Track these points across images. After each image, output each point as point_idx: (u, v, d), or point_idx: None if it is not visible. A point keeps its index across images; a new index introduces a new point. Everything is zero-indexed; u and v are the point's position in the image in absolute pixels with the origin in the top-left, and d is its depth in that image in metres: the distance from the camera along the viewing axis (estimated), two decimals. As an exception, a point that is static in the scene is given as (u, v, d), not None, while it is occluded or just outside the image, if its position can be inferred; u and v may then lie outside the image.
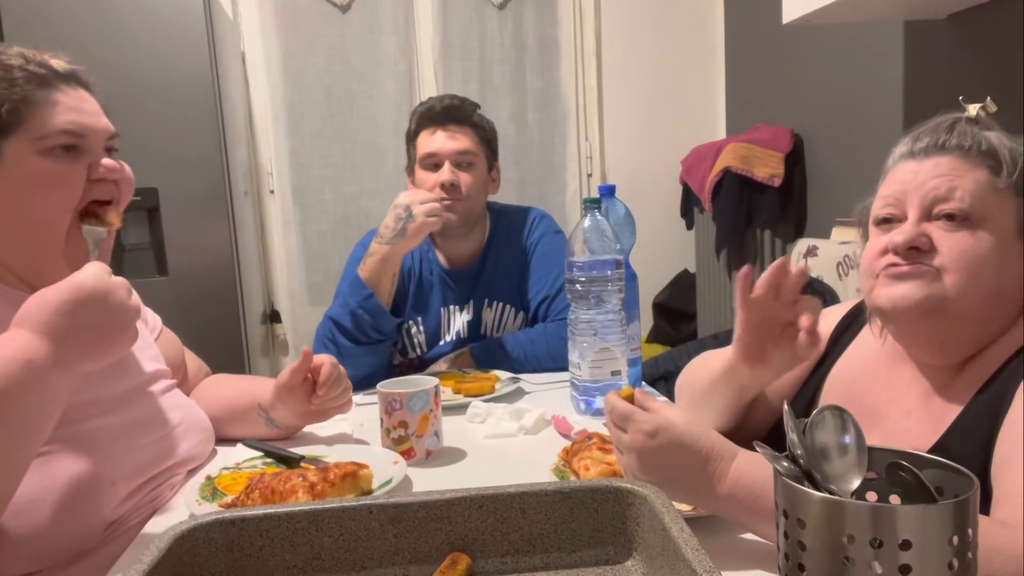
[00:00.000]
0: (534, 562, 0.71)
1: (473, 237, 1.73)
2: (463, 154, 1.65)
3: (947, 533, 0.55)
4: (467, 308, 1.73)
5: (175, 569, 0.64)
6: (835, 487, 0.62)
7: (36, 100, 0.91)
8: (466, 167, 1.65)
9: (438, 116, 1.65)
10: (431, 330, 1.72)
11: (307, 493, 0.90)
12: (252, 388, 1.22)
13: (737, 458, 0.78)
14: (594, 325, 1.26)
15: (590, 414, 1.28)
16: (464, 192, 1.63)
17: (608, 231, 1.27)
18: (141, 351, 1.11)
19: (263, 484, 0.92)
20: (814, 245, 2.27)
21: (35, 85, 0.92)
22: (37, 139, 0.91)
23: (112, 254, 1.02)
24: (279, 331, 3.24)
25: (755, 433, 1.04)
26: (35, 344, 0.77)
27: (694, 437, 0.78)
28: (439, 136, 1.64)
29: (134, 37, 2.39)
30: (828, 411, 0.64)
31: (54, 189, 0.93)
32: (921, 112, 0.92)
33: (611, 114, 3.34)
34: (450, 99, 1.68)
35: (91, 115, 0.97)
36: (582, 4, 3.26)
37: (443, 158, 1.63)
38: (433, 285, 1.73)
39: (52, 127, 0.92)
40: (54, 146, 0.92)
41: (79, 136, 0.94)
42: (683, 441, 0.78)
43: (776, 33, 2.72)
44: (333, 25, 3.13)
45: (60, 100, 0.94)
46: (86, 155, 0.96)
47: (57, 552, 0.87)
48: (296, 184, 3.19)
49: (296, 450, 1.10)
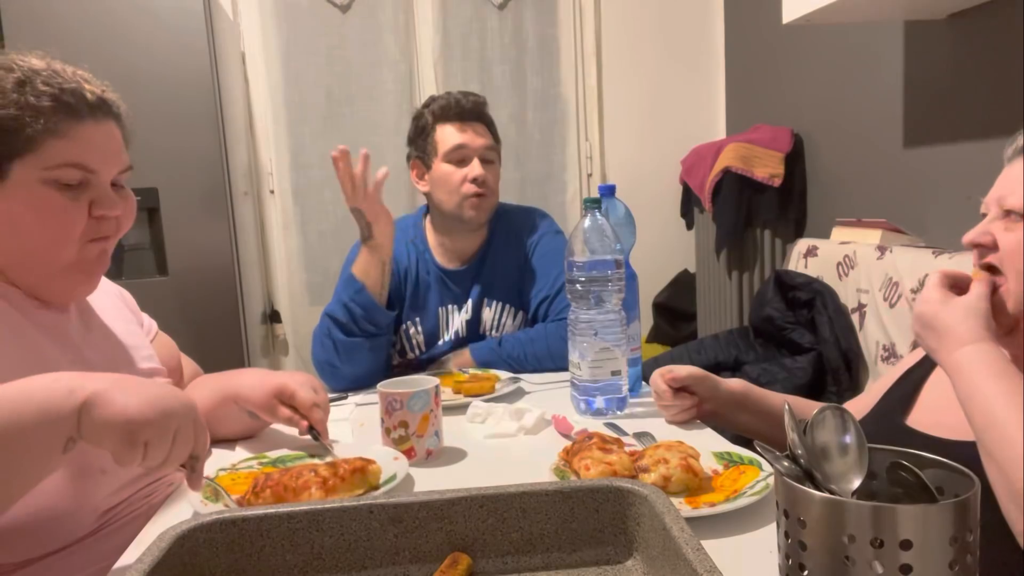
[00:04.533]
0: (534, 562, 0.71)
1: (476, 235, 1.73)
2: (489, 150, 1.67)
3: (948, 533, 0.55)
4: (465, 307, 1.73)
5: (176, 569, 0.64)
6: (836, 487, 0.62)
7: (58, 131, 0.90)
8: (490, 163, 1.67)
9: (467, 112, 1.66)
10: (429, 330, 1.72)
11: (320, 489, 0.91)
12: (229, 387, 1.21)
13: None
14: (594, 325, 1.26)
15: (590, 414, 1.28)
16: (491, 187, 1.67)
17: (608, 231, 1.27)
18: (136, 350, 1.11)
19: (272, 482, 0.92)
20: (814, 245, 2.27)
21: (63, 116, 0.90)
22: (46, 168, 0.90)
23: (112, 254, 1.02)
24: (279, 331, 3.24)
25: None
26: (84, 382, 0.75)
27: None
28: (469, 130, 1.66)
29: (134, 37, 2.39)
30: (828, 411, 0.65)
31: (53, 219, 0.92)
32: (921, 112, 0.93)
33: (611, 114, 3.34)
34: (473, 96, 1.69)
35: (108, 153, 0.96)
36: (582, 4, 3.26)
37: (473, 153, 1.65)
38: (430, 285, 1.73)
39: (63, 159, 0.91)
40: (60, 179, 0.91)
41: (89, 172, 0.93)
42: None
43: (776, 33, 2.73)
44: (333, 25, 3.13)
45: (80, 134, 0.92)
46: (91, 191, 0.94)
47: (47, 539, 0.87)
48: (296, 184, 3.19)
49: (291, 452, 1.11)
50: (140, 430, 0.73)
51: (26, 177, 0.90)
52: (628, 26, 3.29)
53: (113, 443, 0.74)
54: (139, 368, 1.08)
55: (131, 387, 0.75)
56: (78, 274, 0.98)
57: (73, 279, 0.98)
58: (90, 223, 0.95)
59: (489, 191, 1.66)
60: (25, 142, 0.89)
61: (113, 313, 1.13)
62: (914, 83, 2.13)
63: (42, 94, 0.89)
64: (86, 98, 0.93)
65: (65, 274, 0.96)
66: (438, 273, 1.73)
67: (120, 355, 1.08)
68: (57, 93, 0.90)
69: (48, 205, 0.91)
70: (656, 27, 3.31)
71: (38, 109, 0.89)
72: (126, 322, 1.15)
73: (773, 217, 2.68)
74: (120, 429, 0.73)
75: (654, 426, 1.20)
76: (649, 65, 3.32)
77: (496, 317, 1.73)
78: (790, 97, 2.81)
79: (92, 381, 0.74)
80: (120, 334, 1.11)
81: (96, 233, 0.96)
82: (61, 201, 0.92)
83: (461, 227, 1.69)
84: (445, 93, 1.72)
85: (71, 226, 0.93)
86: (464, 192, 1.64)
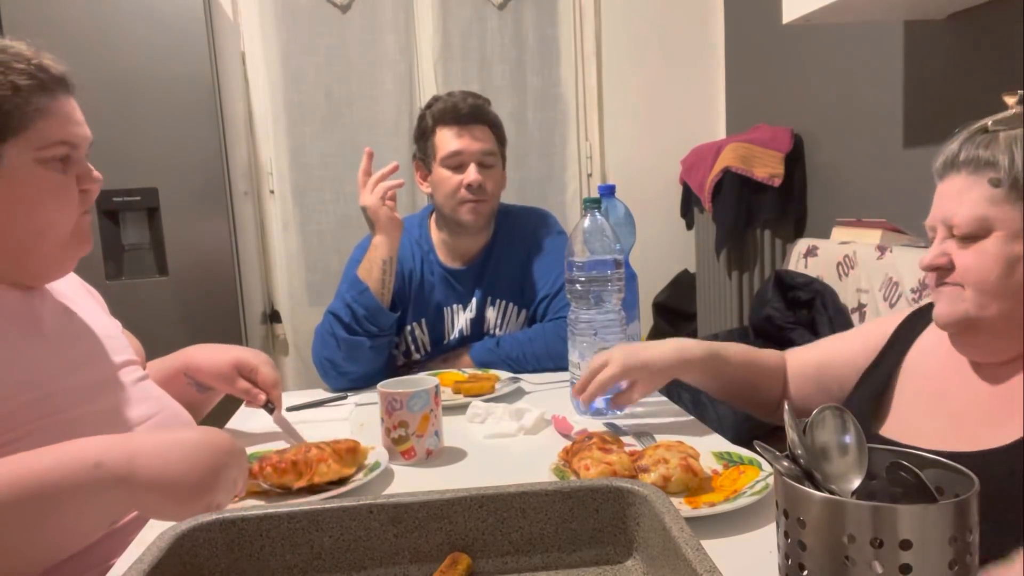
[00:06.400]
0: (534, 562, 0.71)
1: (479, 235, 1.73)
2: (488, 154, 1.65)
3: (947, 533, 0.55)
4: (470, 306, 1.73)
5: (175, 569, 0.64)
6: (835, 487, 0.62)
7: (40, 108, 0.91)
8: (489, 167, 1.66)
9: (465, 116, 1.64)
10: (435, 330, 1.72)
11: (336, 461, 0.97)
12: (181, 359, 1.23)
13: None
14: (594, 325, 1.26)
15: (590, 414, 1.28)
16: (489, 192, 1.65)
17: (608, 231, 1.27)
18: (109, 340, 1.10)
19: (274, 460, 0.95)
20: (814, 245, 2.27)
21: (39, 93, 0.91)
22: (38, 148, 0.91)
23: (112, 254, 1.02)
24: (279, 331, 3.24)
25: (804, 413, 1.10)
26: (111, 449, 0.77)
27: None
28: (466, 135, 1.64)
29: (134, 37, 2.39)
30: (828, 411, 0.65)
31: (53, 200, 0.93)
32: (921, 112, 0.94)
33: (611, 114, 3.33)
34: (472, 98, 1.67)
35: (81, 125, 0.98)
36: (582, 4, 3.26)
37: (469, 158, 1.64)
38: (435, 285, 1.73)
39: (52, 137, 0.92)
40: (52, 157, 0.92)
41: (74, 147, 0.95)
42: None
43: (776, 33, 2.73)
44: (333, 25, 3.13)
45: (57, 109, 0.94)
46: (75, 165, 0.96)
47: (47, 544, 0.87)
48: (296, 184, 3.18)
49: (260, 448, 1.12)
50: (209, 501, 0.78)
51: (21, 160, 0.91)
52: (628, 26, 3.29)
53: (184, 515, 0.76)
54: (115, 360, 1.07)
55: (180, 457, 0.77)
56: (77, 244, 1.00)
57: (72, 251, 1.00)
58: (80, 195, 0.97)
59: (487, 196, 1.65)
60: (12, 122, 0.89)
61: (84, 305, 1.12)
62: (914, 83, 2.13)
63: (19, 73, 0.90)
64: (52, 72, 0.94)
65: (65, 248, 0.98)
66: (442, 272, 1.73)
67: (97, 347, 1.07)
68: (33, 71, 0.91)
69: (48, 185, 0.93)
70: (656, 27, 3.31)
71: (15, 87, 0.89)
72: (96, 314, 1.14)
73: (773, 217, 2.68)
74: (190, 512, 0.74)
75: (654, 426, 1.20)
76: (649, 65, 3.32)
77: (500, 316, 1.73)
78: (790, 97, 2.81)
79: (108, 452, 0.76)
80: (93, 324, 1.09)
81: (84, 205, 0.99)
82: (55, 179, 0.93)
83: (462, 229, 1.69)
84: (447, 94, 1.70)
85: (71, 203, 0.95)
86: (460, 197, 1.64)
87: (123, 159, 2.36)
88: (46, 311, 1.02)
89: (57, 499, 0.75)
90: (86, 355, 1.03)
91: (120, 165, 2.35)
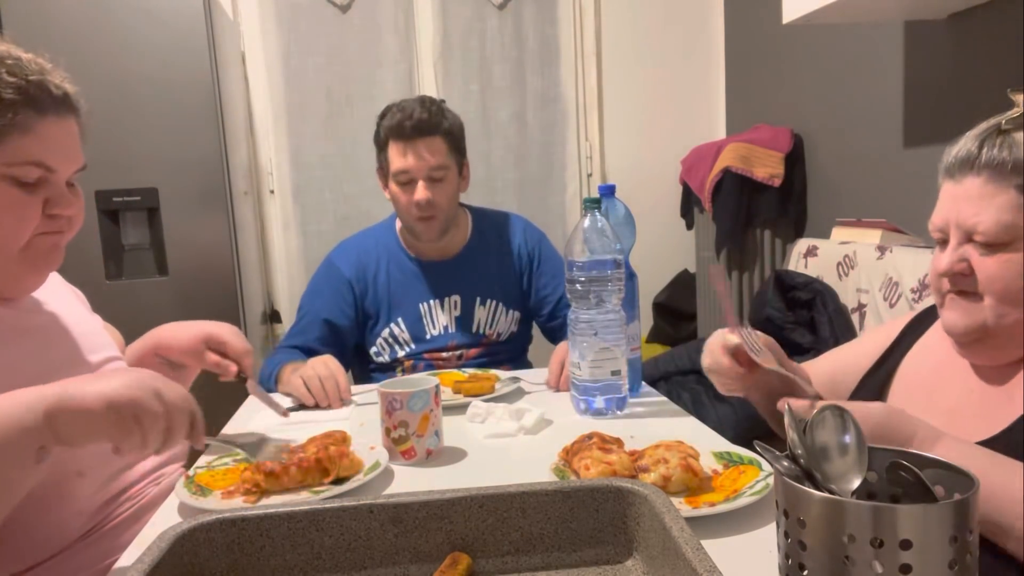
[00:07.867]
0: (534, 562, 0.71)
1: (449, 236, 1.75)
2: (436, 169, 1.65)
3: (947, 533, 0.55)
4: (450, 303, 1.75)
5: (176, 569, 0.64)
6: (835, 487, 0.62)
7: (20, 124, 0.87)
8: (438, 181, 1.66)
9: (410, 131, 1.62)
10: (414, 326, 1.74)
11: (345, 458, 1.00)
12: (151, 339, 1.22)
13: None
14: (594, 325, 1.26)
15: (590, 414, 1.28)
16: (439, 207, 1.66)
17: (608, 231, 1.27)
18: (90, 337, 1.09)
19: (297, 460, 0.97)
20: (814, 245, 2.27)
21: (27, 110, 0.88)
22: (7, 164, 0.87)
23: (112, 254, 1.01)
24: (279, 331, 3.24)
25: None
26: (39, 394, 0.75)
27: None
28: (410, 154, 1.63)
29: (134, 37, 2.39)
30: (828, 411, 0.65)
31: (5, 214, 0.89)
32: (921, 112, 0.93)
33: (611, 114, 3.33)
34: (419, 111, 1.63)
35: (68, 151, 0.94)
36: (582, 4, 3.26)
37: (417, 175, 1.64)
38: (407, 281, 1.75)
39: (25, 156, 0.88)
40: (18, 176, 0.88)
41: (48, 171, 0.91)
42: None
43: (776, 33, 2.73)
44: (333, 25, 3.13)
45: (43, 131, 0.90)
46: (47, 188, 0.92)
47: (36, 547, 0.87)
48: (296, 184, 3.19)
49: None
50: (124, 407, 0.73)
51: None
52: (628, 26, 3.29)
53: (104, 431, 0.74)
54: (93, 361, 1.06)
55: (101, 376, 0.76)
56: (25, 266, 0.94)
57: (20, 271, 0.94)
58: (42, 220, 0.92)
59: (436, 211, 1.66)
60: None
61: (64, 303, 1.10)
62: (914, 83, 2.13)
63: (7, 85, 0.86)
64: (51, 92, 0.90)
65: (12, 266, 0.93)
66: (414, 268, 1.75)
67: (75, 346, 1.06)
68: (23, 85, 0.87)
69: (3, 199, 0.88)
70: (656, 27, 3.31)
71: (3, 102, 0.86)
72: (77, 311, 1.12)
73: (773, 217, 2.68)
74: (103, 414, 0.73)
75: (654, 426, 1.20)
76: (649, 65, 3.32)
77: (490, 316, 1.77)
78: (790, 97, 2.81)
79: (50, 388, 0.74)
80: (74, 323, 1.08)
81: (47, 228, 0.93)
82: (17, 196, 0.89)
83: (427, 240, 1.72)
84: (399, 103, 1.67)
85: (23, 222, 0.90)
86: (412, 213, 1.66)
87: (123, 159, 2.36)
88: (23, 315, 0.99)
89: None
90: (65, 357, 1.02)
91: (120, 165, 2.35)
